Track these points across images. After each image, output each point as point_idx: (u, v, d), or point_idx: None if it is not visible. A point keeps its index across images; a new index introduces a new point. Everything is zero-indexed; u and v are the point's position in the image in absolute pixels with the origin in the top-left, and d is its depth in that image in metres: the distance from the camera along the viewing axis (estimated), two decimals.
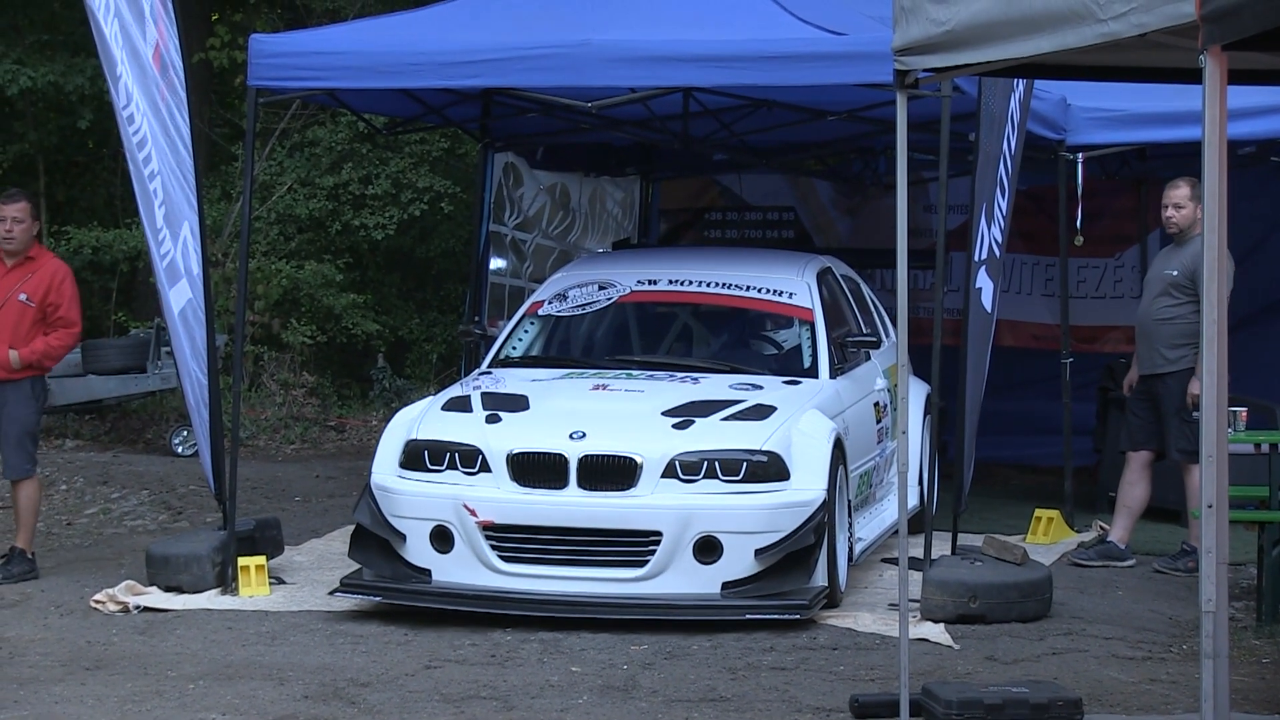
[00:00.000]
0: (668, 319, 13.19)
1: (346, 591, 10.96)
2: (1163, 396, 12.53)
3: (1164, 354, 12.34)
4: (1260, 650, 10.53)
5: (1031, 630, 11.10)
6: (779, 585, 10.63)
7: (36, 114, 24.90)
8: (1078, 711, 8.81)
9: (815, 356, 12.33)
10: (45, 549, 13.59)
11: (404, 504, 10.89)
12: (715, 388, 11.62)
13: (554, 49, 13.31)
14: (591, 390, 11.68)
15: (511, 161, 17.70)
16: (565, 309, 12.94)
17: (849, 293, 13.69)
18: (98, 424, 20.64)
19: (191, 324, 12.83)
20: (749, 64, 13.16)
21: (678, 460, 10.65)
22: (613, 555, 10.62)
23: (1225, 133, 5.87)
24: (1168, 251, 12.89)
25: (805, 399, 11.56)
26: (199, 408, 12.67)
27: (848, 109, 14.49)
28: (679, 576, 10.55)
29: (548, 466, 10.69)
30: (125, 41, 12.86)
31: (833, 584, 10.94)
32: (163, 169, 12.90)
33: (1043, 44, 7.16)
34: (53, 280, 12.79)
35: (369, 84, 14.34)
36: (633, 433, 10.85)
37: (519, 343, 12.84)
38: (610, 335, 13.00)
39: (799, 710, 9.20)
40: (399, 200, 22.66)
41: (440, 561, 10.78)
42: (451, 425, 11.09)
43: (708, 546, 10.52)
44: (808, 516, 10.66)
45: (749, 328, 13.07)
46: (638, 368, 12.29)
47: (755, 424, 11.00)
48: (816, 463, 10.87)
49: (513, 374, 12.15)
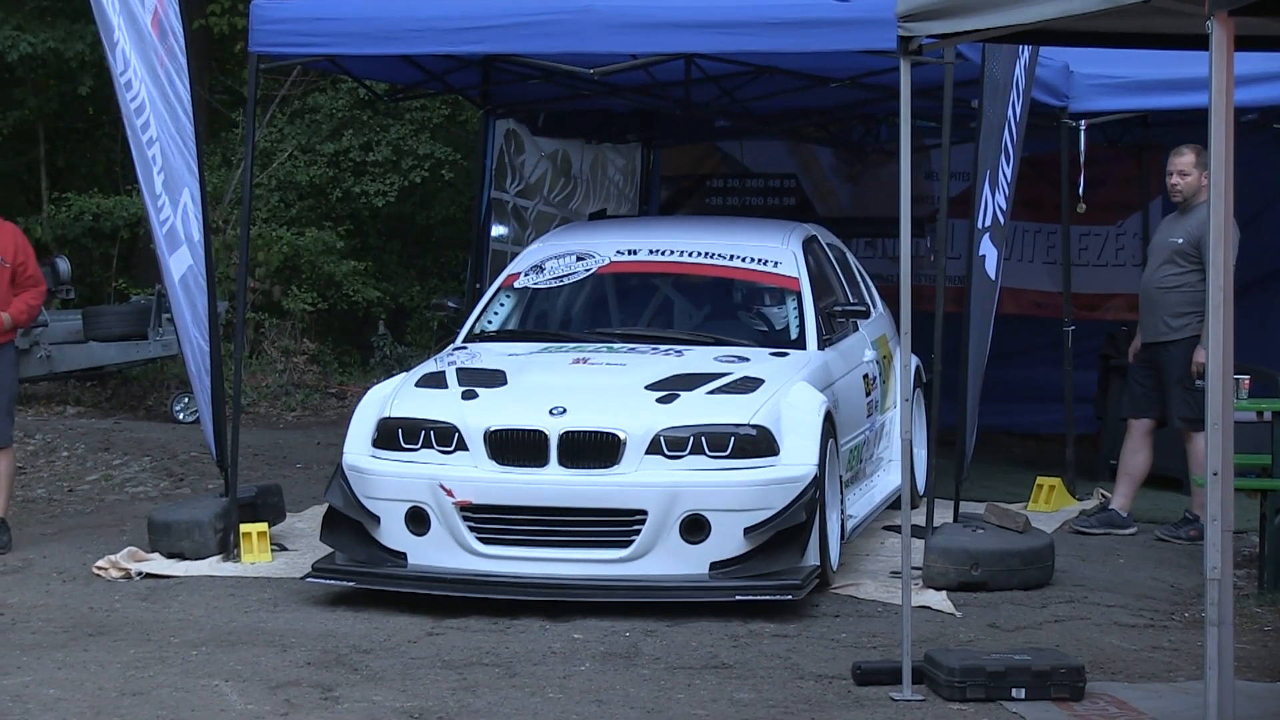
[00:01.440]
0: (649, 290, 12.55)
1: (318, 577, 10.43)
2: (1166, 365, 12.46)
3: (1168, 322, 12.27)
4: (1262, 618, 10.54)
5: (1033, 598, 11.11)
6: (770, 565, 10.05)
7: (36, 80, 24.91)
8: (1080, 679, 8.82)
9: (803, 327, 11.78)
10: (47, 515, 13.62)
11: (378, 485, 10.32)
12: (700, 360, 11.12)
13: (556, 14, 13.29)
14: (571, 364, 11.09)
15: (513, 128, 17.70)
16: (542, 281, 12.32)
17: (835, 261, 13.20)
18: (99, 390, 20.66)
19: (192, 290, 12.83)
20: (751, 30, 13.14)
21: (662, 435, 10.09)
22: (596, 536, 10.04)
23: (1232, 99, 5.86)
24: (1172, 219, 12.82)
25: (794, 371, 11.02)
26: (200, 374, 12.67)
27: (850, 75, 14.47)
28: (666, 557, 9.98)
29: (527, 444, 10.10)
30: (123, 7, 12.83)
31: (824, 563, 10.48)
32: (162, 135, 12.89)
33: (1046, 9, 7.15)
34: (17, 240, 12.79)
35: (370, 50, 14.32)
36: (615, 407, 10.28)
37: (495, 316, 12.24)
38: (590, 307, 12.40)
39: (801, 678, 9.21)
40: (400, 167, 22.67)
41: (416, 544, 10.23)
42: (426, 402, 10.53)
43: (695, 525, 9.97)
44: (799, 493, 10.12)
45: (733, 298, 12.42)
46: (619, 340, 11.66)
47: (742, 397, 10.45)
48: (807, 436, 10.33)
49: (489, 348, 11.62)
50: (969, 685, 8.75)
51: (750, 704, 8.71)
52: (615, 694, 8.74)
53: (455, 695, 8.69)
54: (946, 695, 8.75)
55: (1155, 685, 9.06)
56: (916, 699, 8.77)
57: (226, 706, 8.60)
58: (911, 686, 8.86)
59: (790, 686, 9.07)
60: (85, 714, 8.46)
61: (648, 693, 8.74)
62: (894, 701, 8.75)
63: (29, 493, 14.17)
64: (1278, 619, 10.56)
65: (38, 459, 16.09)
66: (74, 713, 8.47)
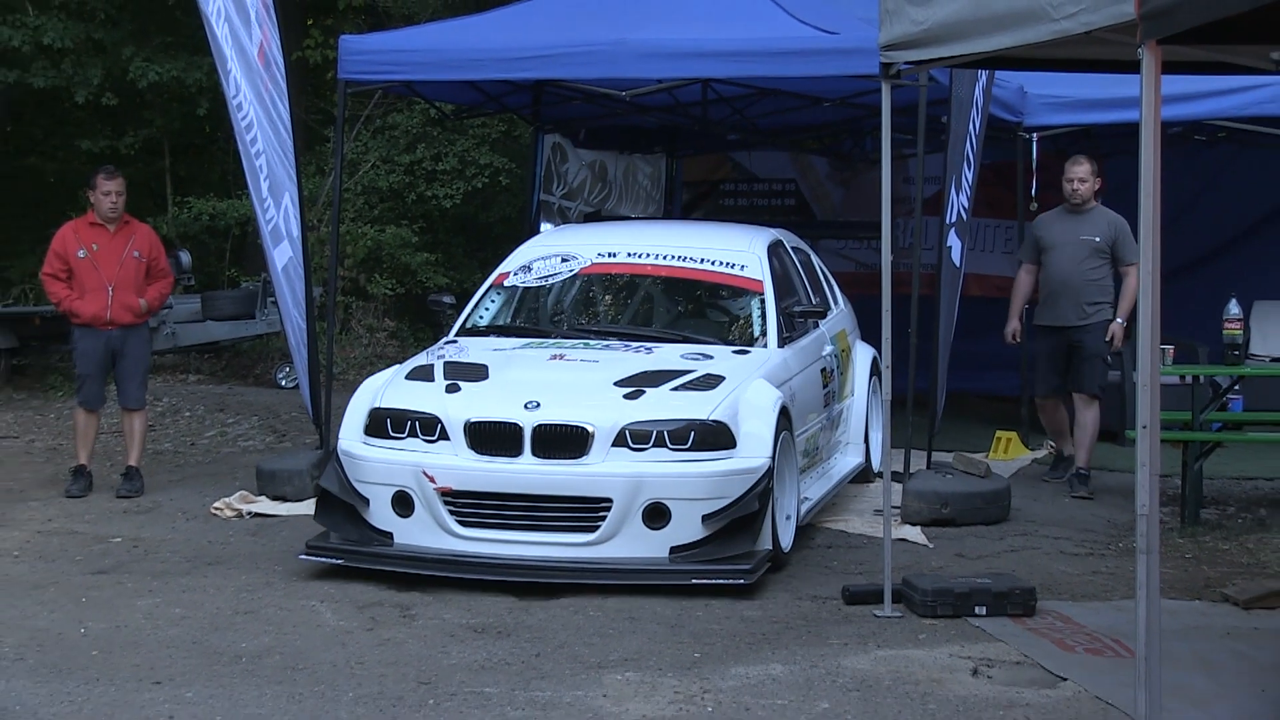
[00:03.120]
0: (625, 290, 11.51)
1: (312, 554, 9.56)
2: (1084, 344, 12.16)
3: (1085, 309, 11.95)
4: (1183, 547, 10.55)
5: (993, 531, 11.13)
6: (725, 549, 9.16)
7: (162, 103, 24.87)
8: (1032, 598, 8.85)
9: (764, 326, 10.79)
10: (172, 465, 13.64)
11: (367, 470, 9.51)
12: (667, 358, 10.17)
13: (594, 46, 13.31)
14: (549, 360, 10.17)
15: (558, 142, 17.73)
16: (529, 280, 11.38)
17: (799, 264, 12.19)
18: (215, 362, 20.69)
19: (293, 278, 12.86)
20: (758, 58, 13.17)
21: (628, 429, 9.23)
22: (565, 521, 9.17)
23: (1159, 115, 5.86)
24: (1072, 219, 12.33)
25: (753, 368, 10.09)
26: (299, 348, 12.73)
27: (840, 96, 14.53)
28: (629, 541, 9.12)
29: (503, 435, 9.27)
30: (234, 42, 12.87)
31: (776, 546, 9.54)
32: (266, 148, 12.92)
33: (1005, 40, 7.14)
34: (151, 238, 12.86)
35: (439, 77, 14.41)
36: (585, 403, 9.40)
37: (485, 312, 11.26)
38: (571, 306, 11.45)
39: (799, 599, 9.24)
40: (464, 175, 22.63)
41: (401, 525, 9.43)
42: (413, 394, 9.71)
43: (656, 512, 9.10)
44: (753, 483, 9.25)
45: (702, 299, 11.37)
46: (596, 337, 10.70)
47: (703, 394, 9.54)
48: (762, 431, 9.44)
49: (477, 343, 10.71)
50: (939, 604, 8.79)
51: (757, 620, 8.74)
52: (645, 612, 8.75)
53: (512, 614, 8.73)
54: (921, 613, 8.78)
55: (1094, 604, 9.07)
56: (896, 615, 8.81)
57: (322, 623, 8.64)
58: (891, 605, 8.90)
59: (790, 605, 9.10)
60: (205, 629, 8.50)
61: (672, 611, 8.76)
62: (877, 618, 8.78)
63: (158, 446, 14.20)
64: (1196, 548, 10.57)
65: (165, 418, 16.13)
66: (197, 628, 8.51)
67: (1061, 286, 11.94)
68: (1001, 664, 7.88)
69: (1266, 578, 9.60)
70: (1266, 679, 7.63)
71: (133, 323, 12.58)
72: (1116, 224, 11.80)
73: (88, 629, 8.62)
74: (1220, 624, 8.66)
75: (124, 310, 12.48)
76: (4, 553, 10.45)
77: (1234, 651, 8.08)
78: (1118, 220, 11.92)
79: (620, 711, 7.14)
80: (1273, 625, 8.66)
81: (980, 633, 8.46)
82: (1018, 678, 7.66)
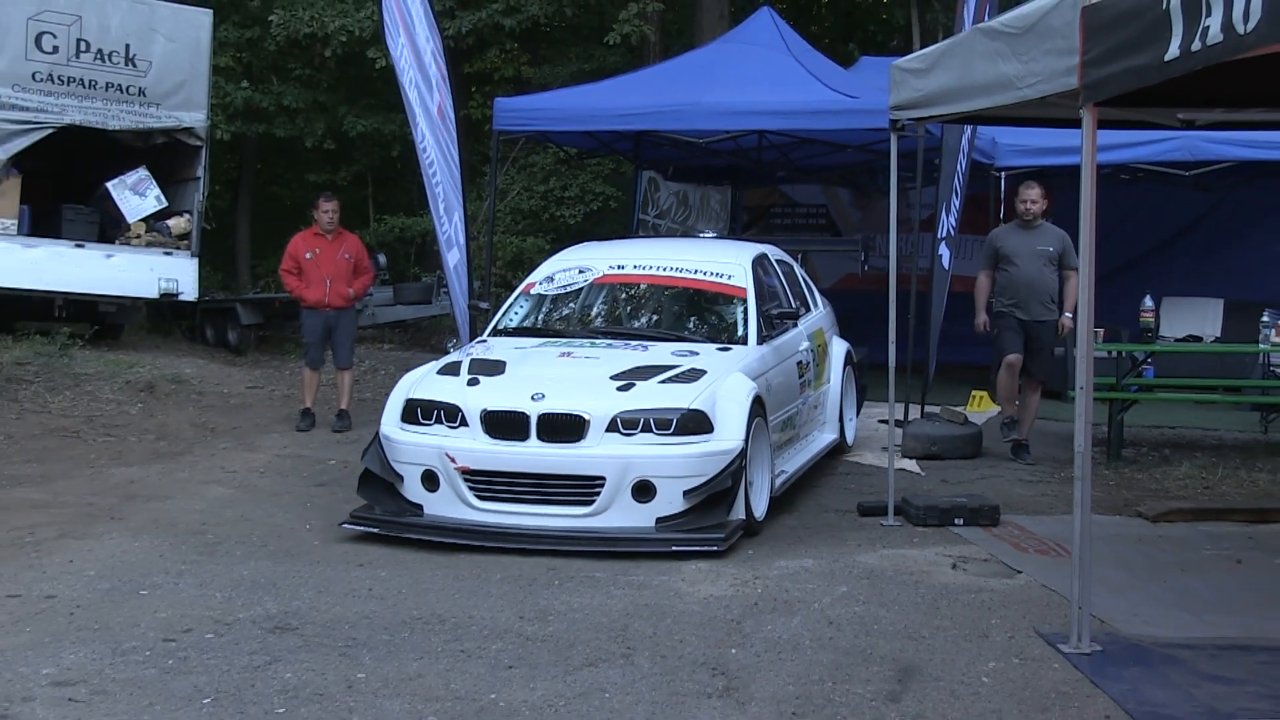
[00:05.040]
0: (631, 297, 10.32)
1: (354, 524, 8.46)
2: (1040, 336, 11.32)
3: (1046, 306, 11.40)
4: (1108, 477, 10.46)
5: (969, 464, 11.08)
6: (703, 520, 8.10)
7: (366, 147, 25.07)
8: (997, 513, 8.82)
9: (746, 327, 9.59)
10: (371, 411, 13.67)
11: (402, 451, 8.44)
12: (659, 354, 9.02)
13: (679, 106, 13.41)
14: (559, 357, 9.08)
15: (653, 176, 17.77)
16: (551, 289, 10.23)
17: (782, 274, 10.85)
18: (403, 334, 20.83)
19: (460, 275, 12.99)
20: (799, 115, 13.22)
21: (619, 417, 8.15)
22: (566, 495, 8.15)
23: (1095, 160, 5.85)
24: (1027, 234, 11.32)
25: (733, 363, 8.97)
26: (464, 326, 12.84)
27: (861, 144, 14.50)
28: (620, 513, 8.07)
29: (513, 422, 8.23)
30: (420, 103, 12.98)
31: (749, 516, 8.42)
32: (442, 180, 13.02)
33: (983, 103, 7.15)
34: (358, 245, 12.91)
35: (567, 128, 14.53)
36: (583, 395, 8.34)
37: (514, 316, 10.11)
38: (584, 310, 10.16)
39: (825, 511, 9.24)
40: (584, 200, 22.64)
41: (430, 499, 8.37)
42: (440, 387, 8.64)
43: (644, 488, 8.06)
44: (728, 463, 8.17)
45: (695, 304, 10.09)
46: (601, 337, 9.53)
47: (686, 386, 8.44)
48: (736, 418, 8.34)
49: (503, 342, 9.61)
50: (929, 516, 8.76)
51: (794, 527, 8.75)
52: None
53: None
54: (915, 522, 8.76)
55: (1042, 517, 9.02)
56: (896, 524, 8.80)
57: None
58: (894, 517, 8.90)
59: (819, 516, 9.09)
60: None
61: None
62: (883, 526, 8.77)
63: (361, 395, 14.31)
64: (1118, 478, 10.47)
65: (366, 375, 16.23)
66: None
67: (1026, 289, 11.21)
68: (974, 560, 7.85)
69: (1168, 499, 9.52)
70: (1166, 573, 7.58)
71: (344, 306, 12.68)
72: (1063, 237, 11.62)
73: (310, 526, 8.71)
74: (1134, 533, 8.60)
75: (338, 297, 12.60)
76: (253, 469, 10.58)
77: (1144, 553, 8.03)
78: (1063, 234, 11.74)
79: (693, 591, 7.15)
80: (1172, 534, 8.60)
81: (958, 538, 8.44)
82: (985, 570, 7.63)
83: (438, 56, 13.46)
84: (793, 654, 6.08)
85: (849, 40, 26.54)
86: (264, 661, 5.93)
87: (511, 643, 6.23)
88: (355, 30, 21.67)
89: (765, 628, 6.49)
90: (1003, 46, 6.64)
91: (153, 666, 5.86)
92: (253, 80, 24.00)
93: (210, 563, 7.68)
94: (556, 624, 6.53)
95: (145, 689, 5.57)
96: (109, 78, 15.75)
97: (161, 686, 5.60)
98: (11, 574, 7.34)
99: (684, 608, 6.83)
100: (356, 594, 7.05)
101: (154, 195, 16.17)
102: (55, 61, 15.42)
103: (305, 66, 24.01)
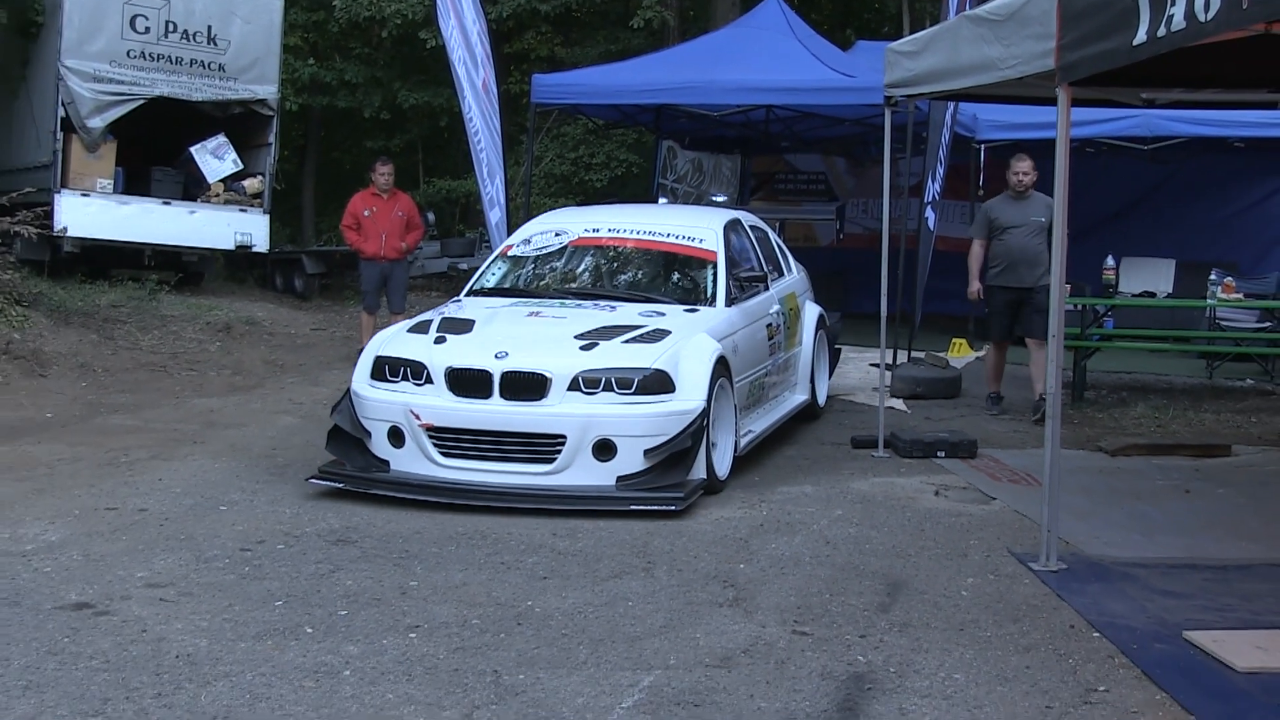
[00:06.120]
0: (604, 259, 9.06)
1: (321, 479, 7.51)
2: (1036, 301, 10.52)
3: (1036, 273, 10.97)
4: (1074, 416, 10.40)
5: (950, 404, 11.03)
6: (664, 479, 7.17)
7: (417, 118, 24.97)
8: (975, 447, 8.78)
9: (715, 289, 8.54)
10: None
11: (370, 408, 7.50)
12: (626, 315, 8.05)
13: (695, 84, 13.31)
14: (526, 317, 8.08)
15: (671, 145, 17.64)
16: (528, 251, 9.14)
17: (755, 240, 9.70)
18: (448, 282, 20.76)
19: (501, 230, 12.92)
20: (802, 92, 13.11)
21: (581, 376, 7.24)
22: (528, 453, 7.22)
23: (1069, 135, 5.79)
24: (1019, 204, 10.80)
25: (699, 324, 7.98)
26: None
27: (857, 118, 14.38)
28: (581, 471, 7.16)
29: (476, 380, 7.29)
30: (468, 78, 12.93)
31: (711, 475, 7.47)
32: (486, 147, 12.97)
33: (966, 82, 7.09)
34: (410, 204, 12.85)
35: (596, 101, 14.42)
36: (546, 353, 7.39)
37: (491, 277, 9.02)
38: (557, 271, 9.01)
39: (822, 443, 9.19)
40: (609, 166, 22.54)
41: (396, 455, 7.40)
42: (408, 345, 7.69)
43: (604, 447, 7.14)
44: (689, 423, 7.26)
45: (666, 267, 8.90)
46: (571, 297, 8.50)
47: (650, 346, 7.52)
48: (699, 378, 7.39)
49: (476, 302, 8.61)
50: (914, 449, 8.72)
51: (794, 457, 8.71)
52: None
53: None
54: (902, 454, 8.73)
55: (1014, 451, 8.98)
56: (885, 456, 8.75)
57: None
58: (883, 449, 8.85)
59: (816, 448, 9.05)
60: None
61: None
62: (874, 458, 8.73)
63: None
64: (1082, 417, 10.42)
65: None
66: None
67: (1020, 256, 10.59)
68: (954, 488, 7.81)
69: (1126, 436, 9.47)
70: (1124, 500, 7.55)
71: (398, 258, 12.65)
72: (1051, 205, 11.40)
73: None
74: (1096, 465, 8.55)
75: (393, 249, 12.56)
76: (317, 401, 10.52)
77: (1106, 484, 7.99)
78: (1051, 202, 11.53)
79: (705, 513, 7.13)
80: (1129, 467, 8.55)
81: (941, 468, 8.39)
82: (964, 497, 7.60)
83: (483, 37, 13.40)
84: (794, 569, 6.07)
85: (846, 27, 26.35)
86: (328, 570, 5.94)
87: (545, 556, 6.23)
88: (409, 14, 21.74)
89: (770, 546, 6.47)
90: (987, 32, 6.58)
91: (231, 572, 5.87)
92: (318, 58, 23.96)
93: (280, 483, 7.68)
94: (585, 540, 6.52)
95: (225, 591, 5.58)
96: (193, 55, 15.84)
97: (239, 590, 5.62)
98: (109, 489, 7.36)
99: (697, 527, 6.82)
100: (407, 512, 7.04)
101: (231, 159, 16.36)
102: (147, 41, 15.55)
103: (364, 46, 23.95)
